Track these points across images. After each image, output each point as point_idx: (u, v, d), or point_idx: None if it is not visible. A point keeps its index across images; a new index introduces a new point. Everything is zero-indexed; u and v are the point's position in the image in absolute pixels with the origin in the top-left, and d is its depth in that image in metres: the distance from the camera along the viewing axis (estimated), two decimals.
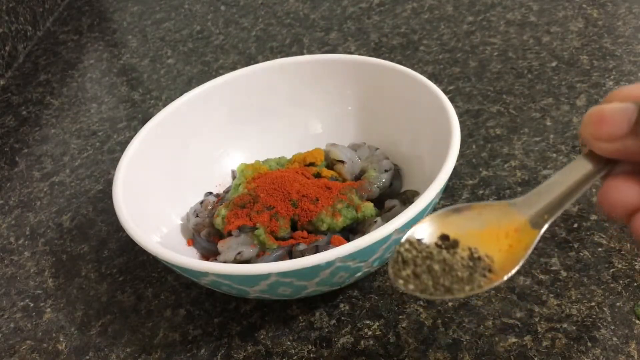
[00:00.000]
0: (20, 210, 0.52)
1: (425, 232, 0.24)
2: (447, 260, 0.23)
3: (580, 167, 0.23)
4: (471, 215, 0.24)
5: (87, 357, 0.39)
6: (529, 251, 0.23)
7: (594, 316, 0.35)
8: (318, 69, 0.47)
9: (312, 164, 0.43)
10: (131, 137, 0.43)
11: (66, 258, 0.46)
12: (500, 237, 0.23)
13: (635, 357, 0.32)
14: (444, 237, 0.24)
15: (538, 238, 0.23)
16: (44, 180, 0.55)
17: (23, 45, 0.78)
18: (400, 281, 0.23)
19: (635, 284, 0.36)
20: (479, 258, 0.23)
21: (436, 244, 0.24)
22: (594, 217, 0.40)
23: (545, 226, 0.23)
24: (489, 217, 0.24)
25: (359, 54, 0.62)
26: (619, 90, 0.23)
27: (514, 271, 0.23)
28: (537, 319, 0.35)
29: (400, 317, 0.37)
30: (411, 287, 0.23)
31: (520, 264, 0.23)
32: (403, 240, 0.24)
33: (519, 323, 0.35)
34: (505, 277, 0.23)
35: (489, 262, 0.23)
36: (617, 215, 0.22)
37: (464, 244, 0.23)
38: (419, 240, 0.24)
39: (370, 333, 0.36)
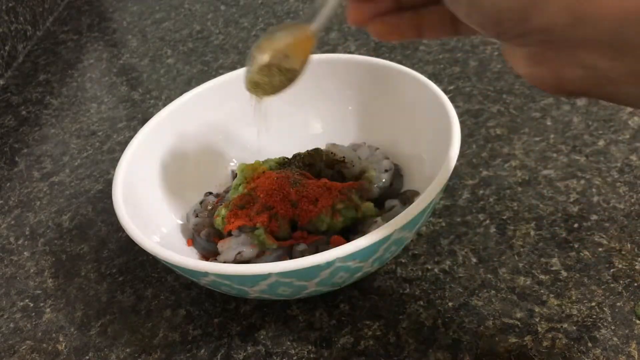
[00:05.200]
0: (20, 210, 0.52)
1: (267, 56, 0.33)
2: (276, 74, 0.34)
3: None
4: (284, 34, 0.33)
5: (87, 357, 0.39)
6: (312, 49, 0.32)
7: (594, 316, 0.35)
8: (318, 69, 0.47)
9: (312, 164, 0.43)
10: (131, 137, 0.43)
11: (66, 258, 0.46)
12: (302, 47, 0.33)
13: (636, 357, 0.32)
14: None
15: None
16: (44, 180, 0.55)
17: (23, 45, 0.78)
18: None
19: (635, 284, 0.36)
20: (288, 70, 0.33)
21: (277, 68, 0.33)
22: (594, 217, 0.40)
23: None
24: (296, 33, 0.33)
25: (359, 54, 0.62)
26: None
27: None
28: (537, 319, 0.35)
29: (400, 317, 0.37)
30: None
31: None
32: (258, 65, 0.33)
33: (519, 323, 0.35)
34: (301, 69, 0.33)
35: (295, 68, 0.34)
36: (360, 25, 0.30)
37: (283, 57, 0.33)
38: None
39: (370, 333, 0.36)
